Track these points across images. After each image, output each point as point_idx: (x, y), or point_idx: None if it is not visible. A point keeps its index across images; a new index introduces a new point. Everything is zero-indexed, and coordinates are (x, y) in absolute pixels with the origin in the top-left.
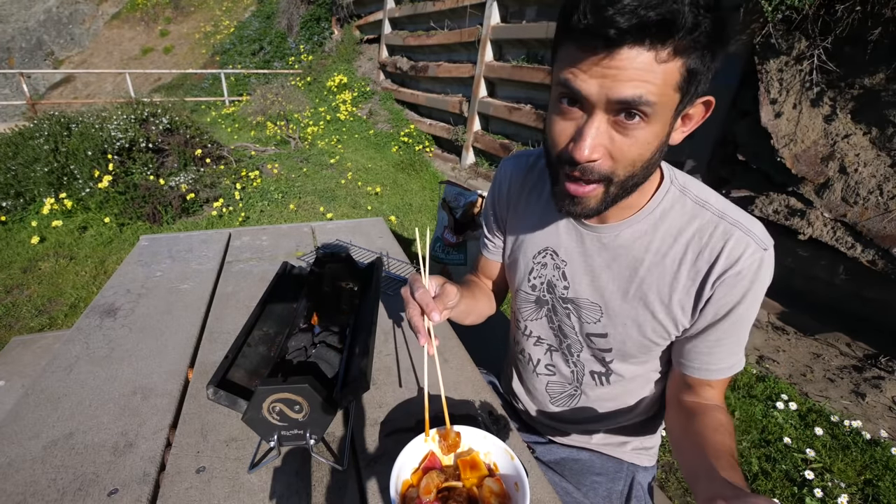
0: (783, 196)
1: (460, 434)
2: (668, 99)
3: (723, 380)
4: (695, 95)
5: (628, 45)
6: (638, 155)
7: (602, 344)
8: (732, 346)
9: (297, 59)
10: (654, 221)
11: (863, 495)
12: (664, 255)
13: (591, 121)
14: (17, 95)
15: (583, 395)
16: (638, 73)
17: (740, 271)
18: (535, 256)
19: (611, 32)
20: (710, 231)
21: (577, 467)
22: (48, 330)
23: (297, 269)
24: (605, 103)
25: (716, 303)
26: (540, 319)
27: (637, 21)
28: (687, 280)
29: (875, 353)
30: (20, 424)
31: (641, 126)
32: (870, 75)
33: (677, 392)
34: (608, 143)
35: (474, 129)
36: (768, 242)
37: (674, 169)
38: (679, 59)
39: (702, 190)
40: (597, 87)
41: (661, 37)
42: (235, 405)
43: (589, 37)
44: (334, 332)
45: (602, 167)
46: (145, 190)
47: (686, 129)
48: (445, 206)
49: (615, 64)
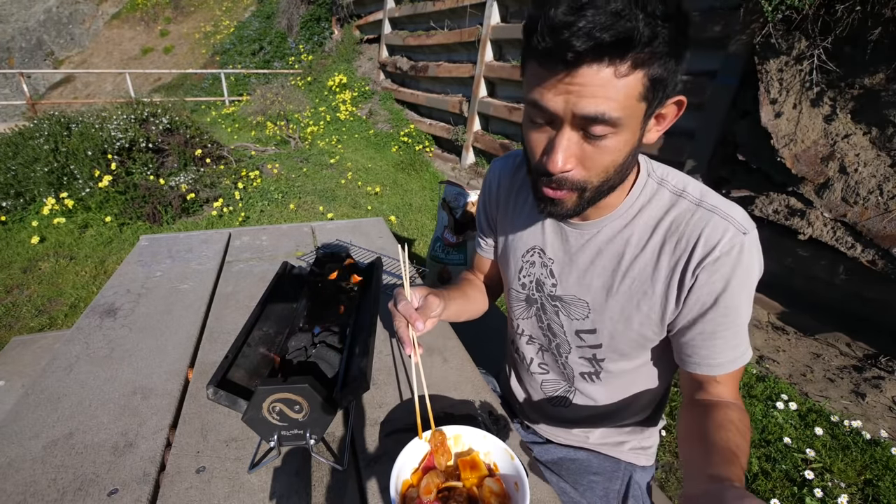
0: (783, 196)
1: (444, 433)
2: (633, 110)
3: (730, 375)
4: (664, 98)
5: (587, 64)
6: (610, 162)
7: (591, 340)
8: (730, 339)
9: (297, 59)
10: (633, 215)
11: (863, 495)
12: (643, 247)
13: (561, 134)
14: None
15: (577, 392)
16: (599, 90)
17: (719, 257)
18: (524, 255)
19: (568, 56)
20: (687, 218)
21: (574, 467)
22: (48, 330)
23: (297, 269)
24: (570, 118)
25: (699, 290)
26: (530, 318)
27: (593, 43)
28: (667, 269)
29: (875, 353)
30: (20, 424)
31: (609, 136)
32: (870, 75)
33: (690, 392)
34: (579, 153)
35: (474, 129)
36: (749, 226)
37: (651, 162)
38: (640, 71)
39: (680, 180)
40: (562, 103)
41: (619, 54)
42: (235, 405)
43: (549, 57)
44: (334, 332)
45: (575, 177)
46: (145, 190)
47: (661, 127)
48: (445, 206)
49: (577, 81)
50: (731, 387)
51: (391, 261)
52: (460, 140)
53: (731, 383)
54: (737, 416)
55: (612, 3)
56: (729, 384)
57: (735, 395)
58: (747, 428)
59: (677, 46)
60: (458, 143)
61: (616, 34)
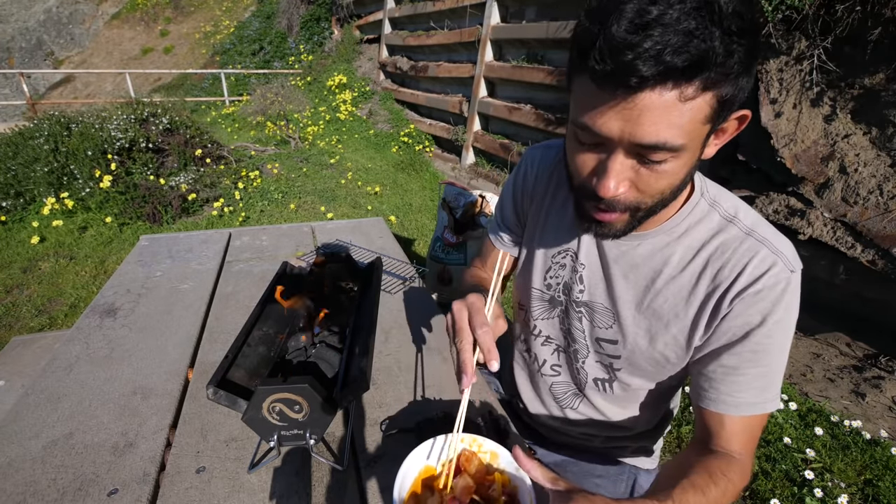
0: (783, 196)
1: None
2: (696, 133)
3: (743, 421)
4: (728, 114)
5: (650, 88)
6: (667, 185)
7: (611, 350)
8: (753, 380)
9: (297, 59)
10: (678, 235)
11: (863, 495)
12: (683, 269)
13: (614, 158)
14: (17, 95)
15: (586, 398)
16: (661, 116)
17: (761, 290)
18: (555, 256)
19: (632, 81)
20: (735, 246)
21: (577, 470)
22: (48, 330)
23: (297, 269)
24: (627, 145)
25: (732, 320)
26: (552, 319)
27: (662, 68)
28: (704, 295)
29: (875, 353)
30: (20, 424)
31: (669, 160)
32: (870, 75)
33: (699, 435)
34: (633, 177)
35: (474, 129)
36: (797, 266)
37: (706, 180)
38: (709, 93)
39: (732, 204)
40: (618, 129)
41: (688, 77)
42: (235, 405)
43: (607, 80)
44: (334, 332)
45: (628, 198)
46: (145, 190)
47: (720, 141)
48: (445, 206)
49: (638, 105)
50: (743, 439)
51: (391, 261)
52: (460, 140)
53: (744, 434)
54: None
55: (685, 22)
56: (741, 435)
57: (745, 450)
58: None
59: (751, 62)
60: (458, 143)
61: (689, 58)
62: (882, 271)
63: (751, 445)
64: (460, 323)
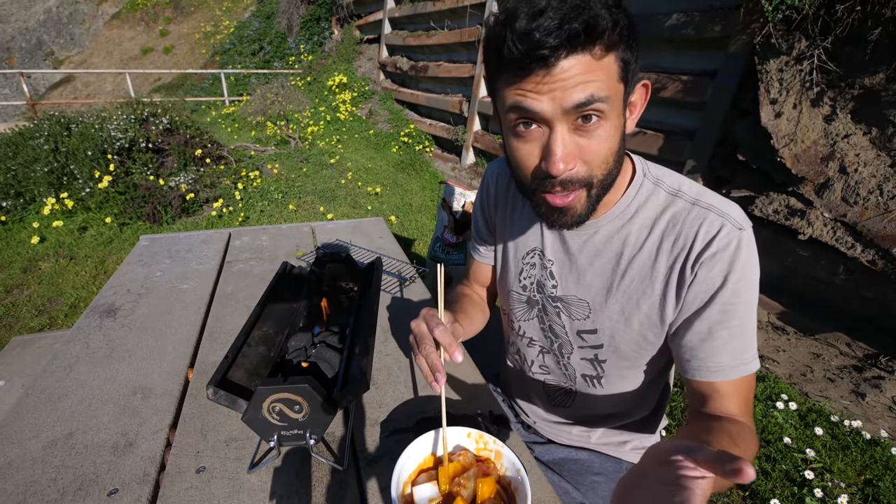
0: (783, 196)
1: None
2: (616, 90)
3: (734, 385)
4: (633, 78)
5: (564, 58)
6: (608, 149)
7: (593, 340)
8: (728, 340)
9: (297, 59)
10: (630, 216)
11: (863, 495)
12: (641, 247)
13: (555, 134)
14: (17, 95)
15: (578, 394)
16: (582, 77)
17: (716, 252)
18: (524, 257)
19: (545, 53)
20: (684, 217)
21: (576, 467)
22: (48, 330)
23: (297, 269)
24: (561, 114)
25: (697, 286)
26: (531, 320)
27: (566, 35)
28: (666, 267)
29: (875, 353)
30: (20, 424)
31: (601, 124)
32: (870, 75)
33: (694, 406)
34: (577, 150)
35: (474, 129)
36: (745, 224)
37: (646, 162)
38: (612, 53)
39: (675, 180)
40: (549, 101)
41: (591, 39)
42: (235, 405)
43: (525, 62)
44: (334, 332)
45: (580, 173)
46: (145, 190)
47: (634, 116)
48: (445, 206)
49: (558, 76)
50: (737, 401)
51: (391, 261)
52: (460, 140)
53: (736, 397)
54: (734, 429)
55: (570, 1)
56: (734, 398)
57: (743, 411)
58: (754, 442)
59: (633, 31)
60: (458, 143)
61: (584, 21)
62: (882, 271)
63: (746, 408)
64: (419, 332)
